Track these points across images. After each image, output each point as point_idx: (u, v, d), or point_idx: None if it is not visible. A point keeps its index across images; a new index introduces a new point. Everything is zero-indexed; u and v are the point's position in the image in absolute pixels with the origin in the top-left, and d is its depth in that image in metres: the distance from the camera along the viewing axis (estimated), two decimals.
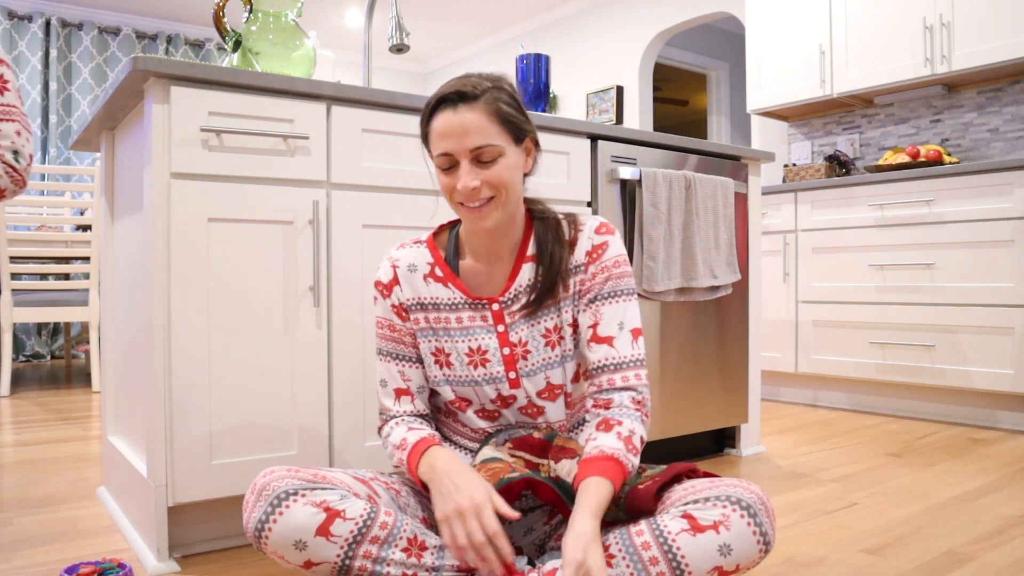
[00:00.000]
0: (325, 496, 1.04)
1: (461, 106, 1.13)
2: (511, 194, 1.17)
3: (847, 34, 3.40)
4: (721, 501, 1.02)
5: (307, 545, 1.02)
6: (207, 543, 1.49)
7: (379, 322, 1.27)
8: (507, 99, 1.17)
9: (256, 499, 1.04)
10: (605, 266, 1.20)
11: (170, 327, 1.38)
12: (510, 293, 1.22)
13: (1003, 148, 3.23)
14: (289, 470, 1.07)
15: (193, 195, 1.40)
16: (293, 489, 1.03)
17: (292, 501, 1.03)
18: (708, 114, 5.73)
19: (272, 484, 1.04)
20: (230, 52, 1.78)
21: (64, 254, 3.63)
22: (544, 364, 1.21)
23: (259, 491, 1.05)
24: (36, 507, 1.78)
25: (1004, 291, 2.67)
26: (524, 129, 1.18)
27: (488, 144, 1.13)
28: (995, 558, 1.44)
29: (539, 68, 2.14)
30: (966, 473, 2.09)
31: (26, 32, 5.26)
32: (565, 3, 5.59)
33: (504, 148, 1.15)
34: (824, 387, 3.29)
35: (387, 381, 1.25)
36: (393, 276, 1.24)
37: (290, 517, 1.02)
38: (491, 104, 1.14)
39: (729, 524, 1.00)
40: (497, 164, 1.14)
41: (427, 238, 1.27)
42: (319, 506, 1.03)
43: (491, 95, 1.14)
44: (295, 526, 1.01)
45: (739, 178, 2.32)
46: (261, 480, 1.06)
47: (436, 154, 1.16)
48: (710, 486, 1.06)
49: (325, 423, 1.55)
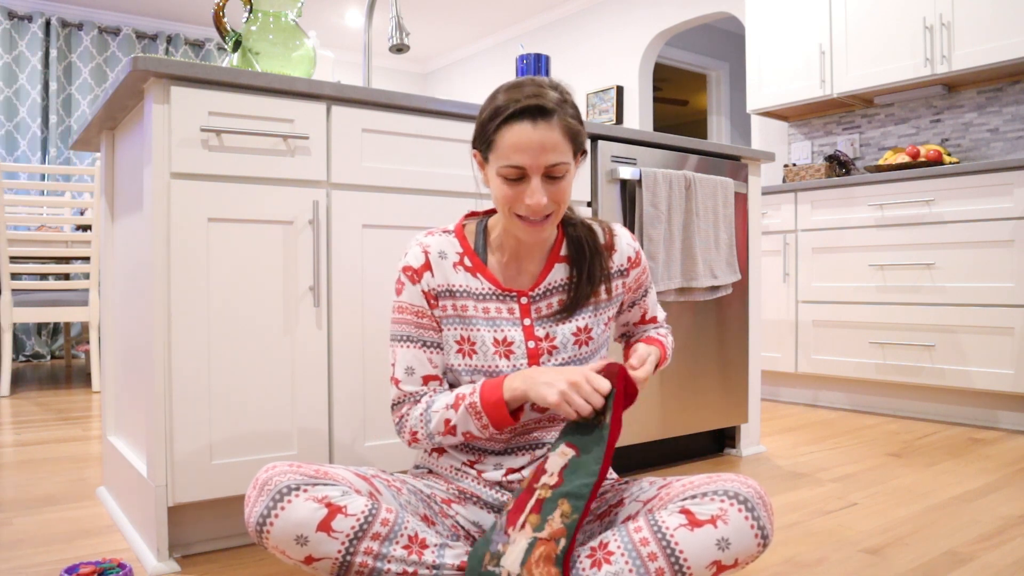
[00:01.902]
0: (327, 492, 1.05)
1: (541, 122, 1.13)
2: (566, 207, 1.21)
3: (847, 34, 3.40)
4: (719, 496, 1.03)
5: (308, 540, 1.02)
6: (207, 543, 1.49)
7: (403, 308, 1.24)
8: (572, 111, 1.18)
9: (258, 494, 1.04)
10: (644, 269, 1.35)
11: (170, 327, 1.38)
12: (540, 289, 1.25)
13: (1003, 148, 3.23)
14: (291, 465, 1.07)
15: (193, 195, 1.40)
16: (295, 484, 1.04)
17: (294, 496, 1.03)
18: (708, 114, 5.73)
19: (274, 479, 1.04)
20: (230, 52, 1.78)
21: (64, 254, 3.63)
22: (570, 361, 1.23)
23: (261, 486, 1.05)
24: (36, 507, 1.78)
25: (1004, 291, 2.67)
26: (583, 143, 1.20)
27: (561, 162, 1.14)
28: (995, 558, 1.44)
29: (539, 68, 2.14)
30: (966, 473, 2.09)
31: (26, 32, 5.26)
32: (565, 3, 5.59)
33: (571, 164, 1.17)
34: (824, 387, 3.29)
35: (414, 368, 1.23)
36: (425, 261, 1.23)
37: (292, 512, 1.02)
38: (563, 120, 1.14)
39: (727, 518, 1.00)
40: (564, 180, 1.17)
41: (454, 228, 1.28)
42: (321, 502, 1.03)
43: (563, 110, 1.15)
44: (297, 521, 1.02)
45: (739, 178, 2.32)
46: (263, 475, 1.06)
47: (506, 165, 1.15)
48: (708, 481, 1.07)
49: (325, 423, 1.55)
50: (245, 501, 1.07)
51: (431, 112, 1.70)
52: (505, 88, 1.18)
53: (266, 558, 1.45)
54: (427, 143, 1.69)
